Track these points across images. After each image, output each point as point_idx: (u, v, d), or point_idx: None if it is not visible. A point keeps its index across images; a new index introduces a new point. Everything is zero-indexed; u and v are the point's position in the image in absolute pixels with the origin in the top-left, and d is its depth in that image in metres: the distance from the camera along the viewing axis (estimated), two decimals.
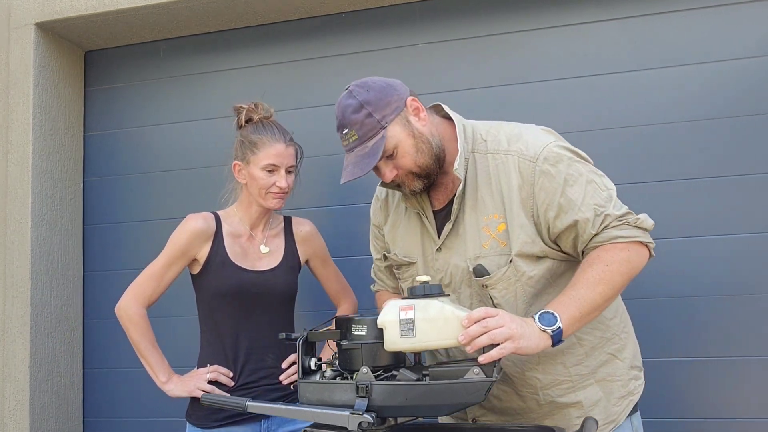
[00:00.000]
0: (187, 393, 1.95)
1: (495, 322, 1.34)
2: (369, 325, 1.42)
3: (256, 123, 2.04)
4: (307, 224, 2.20)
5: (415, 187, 1.60)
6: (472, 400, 1.34)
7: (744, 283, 2.25)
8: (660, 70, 2.38)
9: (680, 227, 2.30)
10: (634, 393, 1.65)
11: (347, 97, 1.59)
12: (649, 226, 1.54)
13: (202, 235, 2.00)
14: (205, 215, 2.04)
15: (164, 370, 1.99)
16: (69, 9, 2.73)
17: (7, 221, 2.73)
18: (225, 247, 2.01)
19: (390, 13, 2.66)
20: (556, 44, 2.48)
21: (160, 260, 2.02)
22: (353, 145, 1.57)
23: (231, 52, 2.84)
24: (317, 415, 1.37)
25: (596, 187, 1.53)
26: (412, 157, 1.56)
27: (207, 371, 1.97)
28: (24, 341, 2.66)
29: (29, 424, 2.63)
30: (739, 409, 2.23)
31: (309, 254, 2.18)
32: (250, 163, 2.00)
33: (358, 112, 1.55)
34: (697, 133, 2.32)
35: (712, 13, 2.35)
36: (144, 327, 1.99)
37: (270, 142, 1.99)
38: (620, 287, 1.51)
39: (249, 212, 2.07)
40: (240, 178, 2.06)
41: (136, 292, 2.00)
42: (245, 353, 1.99)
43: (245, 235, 2.07)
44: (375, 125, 1.54)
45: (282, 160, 1.99)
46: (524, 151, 1.56)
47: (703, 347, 2.27)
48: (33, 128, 2.74)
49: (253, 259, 2.04)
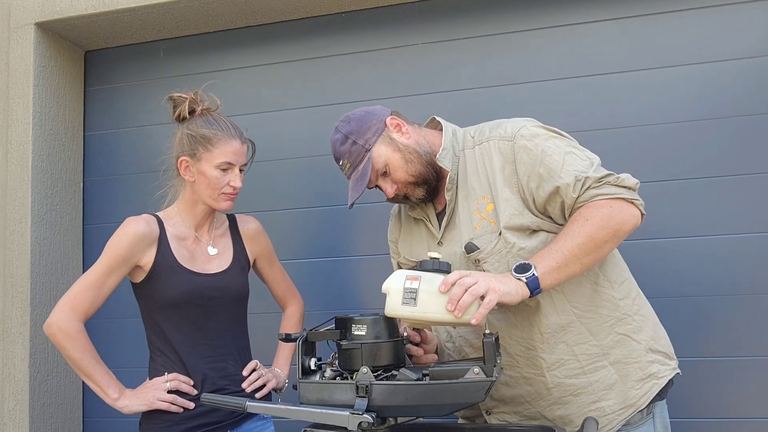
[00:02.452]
0: (145, 406, 1.79)
1: (470, 279, 1.38)
2: (369, 324, 1.42)
3: (204, 115, 1.89)
4: (253, 222, 2.07)
5: (419, 194, 1.71)
6: (472, 399, 1.34)
7: (744, 283, 2.25)
8: (660, 70, 2.38)
9: (680, 227, 2.30)
10: (657, 377, 1.63)
11: (334, 133, 1.74)
12: (632, 184, 1.57)
13: (145, 240, 1.83)
14: (147, 217, 1.87)
15: (113, 386, 1.81)
16: (69, 9, 2.73)
17: (7, 221, 2.73)
18: (172, 251, 1.85)
19: (390, 13, 2.66)
20: (556, 44, 2.48)
21: (97, 268, 1.82)
22: (349, 173, 1.73)
23: (231, 52, 2.84)
24: (317, 415, 1.37)
25: (575, 156, 1.59)
26: (404, 169, 1.68)
27: (165, 380, 1.82)
28: (24, 341, 2.65)
29: (29, 424, 2.63)
30: (741, 409, 2.23)
31: (257, 253, 2.05)
32: (202, 159, 1.84)
33: (345, 143, 1.70)
34: (697, 133, 2.32)
35: (712, 13, 2.35)
36: (84, 343, 1.79)
37: (225, 138, 1.84)
38: (602, 242, 1.51)
39: (193, 212, 1.92)
40: (187, 176, 1.87)
41: (72, 304, 1.79)
42: (204, 361, 1.86)
43: (190, 236, 1.91)
44: (360, 150, 1.68)
45: (238, 158, 1.86)
46: (503, 134, 1.65)
47: (702, 347, 2.27)
48: (33, 128, 2.74)
49: (203, 262, 1.90)
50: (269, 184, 2.71)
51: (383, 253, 2.54)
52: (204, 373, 1.85)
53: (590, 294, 1.62)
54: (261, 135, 2.76)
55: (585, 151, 1.63)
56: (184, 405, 1.81)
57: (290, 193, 2.70)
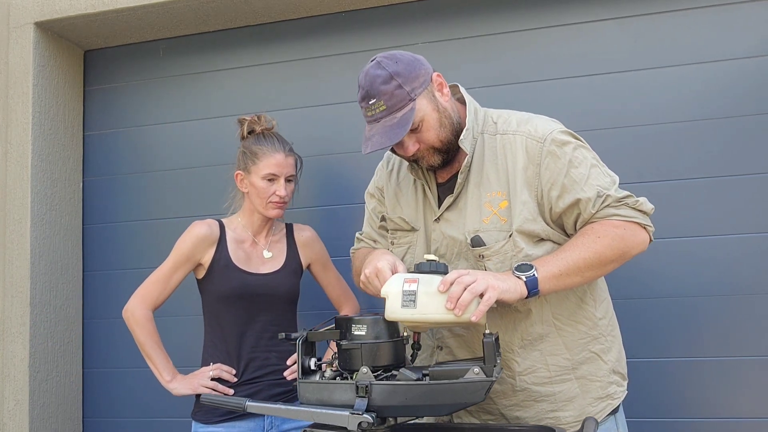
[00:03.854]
0: (191, 390, 2.03)
1: (469, 278, 1.38)
2: (369, 324, 1.42)
3: (258, 134, 2.14)
4: (308, 230, 2.28)
5: (434, 162, 1.62)
6: (472, 399, 1.34)
7: (744, 283, 2.25)
8: (660, 70, 2.37)
9: (680, 227, 2.30)
10: (613, 398, 1.65)
11: (376, 67, 1.56)
12: (649, 210, 1.57)
13: (206, 241, 2.08)
14: (210, 222, 2.12)
15: (169, 370, 2.07)
16: (68, 8, 2.73)
17: (7, 221, 2.73)
18: (229, 252, 2.09)
19: (390, 12, 2.66)
20: (556, 44, 2.48)
21: (166, 265, 2.10)
22: (380, 116, 1.55)
23: (231, 51, 2.84)
24: (317, 415, 1.37)
25: (600, 171, 1.58)
26: (436, 132, 1.58)
27: (210, 369, 2.05)
28: (23, 341, 2.65)
29: (29, 424, 2.63)
30: (738, 409, 2.23)
31: (310, 259, 2.24)
32: (251, 172, 2.09)
33: (388, 83, 1.53)
34: (697, 133, 2.32)
35: (712, 13, 2.35)
36: (150, 329, 2.07)
37: (270, 152, 2.08)
38: (608, 261, 1.52)
39: (251, 220, 2.16)
40: (242, 187, 2.15)
41: (143, 295, 2.09)
42: (249, 352, 2.06)
43: (248, 240, 2.15)
44: (405, 97, 1.54)
45: (281, 169, 2.08)
46: (533, 132, 1.60)
47: (702, 347, 2.27)
48: (32, 128, 2.74)
49: (257, 264, 2.12)
50: None
51: None
52: (247, 362, 2.06)
53: (573, 309, 1.62)
54: None
55: (605, 167, 1.62)
56: (224, 391, 2.03)
57: None
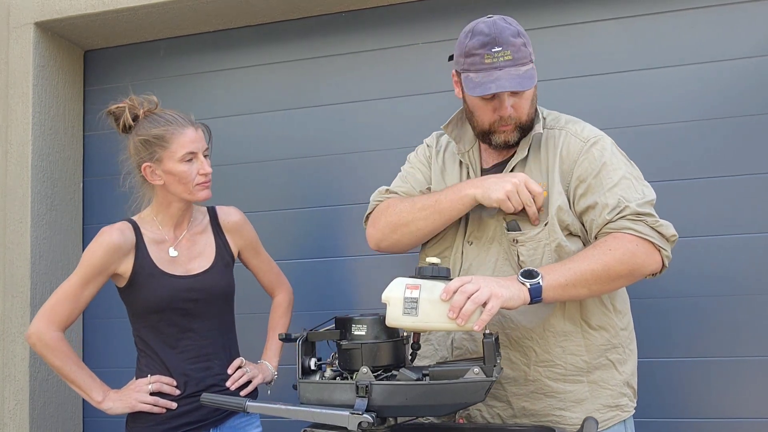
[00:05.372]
0: (128, 408, 1.81)
1: (472, 286, 1.37)
2: (369, 324, 1.42)
3: (148, 117, 1.85)
4: (235, 213, 2.02)
5: (513, 138, 1.63)
6: (472, 399, 1.34)
7: (744, 283, 2.25)
8: (660, 70, 2.37)
9: (680, 227, 2.27)
10: (623, 410, 1.64)
11: (502, 20, 1.58)
12: (668, 234, 1.55)
13: (120, 250, 1.82)
14: (121, 226, 1.86)
15: (97, 389, 1.83)
16: (68, 8, 2.73)
17: (7, 221, 2.73)
18: (150, 257, 1.85)
19: (390, 12, 2.66)
20: (556, 44, 2.48)
21: (74, 279, 1.83)
22: (504, 64, 1.53)
23: (231, 51, 2.84)
24: (317, 415, 1.37)
25: (631, 184, 1.57)
26: (528, 104, 1.61)
27: (148, 382, 1.83)
28: (24, 341, 2.65)
29: (29, 424, 2.63)
30: (741, 409, 2.23)
31: (240, 245, 2.01)
32: (163, 159, 1.81)
33: (517, 37, 1.56)
34: (697, 133, 2.32)
35: (712, 13, 2.35)
36: (64, 350, 1.82)
37: (178, 129, 1.81)
38: (617, 276, 1.51)
39: (169, 213, 1.90)
40: (155, 180, 1.85)
41: (50, 315, 1.82)
42: (188, 362, 1.86)
43: (169, 239, 1.90)
44: (528, 55, 1.57)
45: (197, 144, 1.83)
46: (579, 132, 1.64)
47: (702, 347, 2.27)
48: (32, 128, 2.74)
49: (184, 263, 1.89)
50: (268, 184, 2.71)
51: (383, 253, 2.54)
52: (187, 373, 1.86)
53: (600, 315, 1.63)
54: (260, 134, 2.77)
55: (646, 186, 1.60)
56: (167, 406, 1.82)
57: (289, 192, 2.70)
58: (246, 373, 1.94)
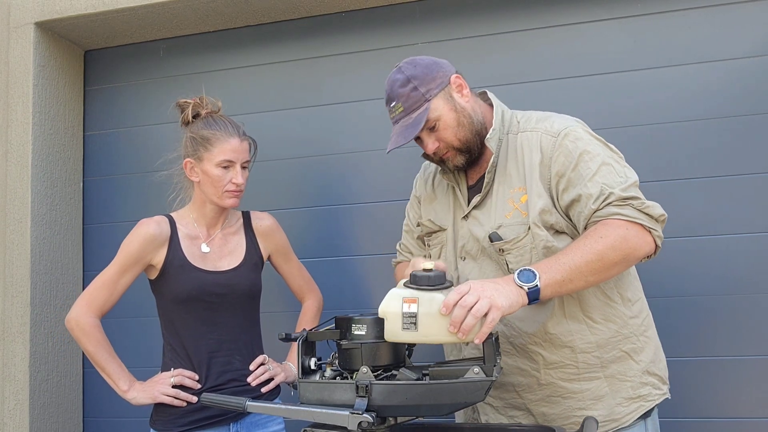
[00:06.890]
0: (150, 399, 1.89)
1: (471, 298, 1.35)
2: (369, 324, 1.42)
3: (206, 118, 1.97)
4: (267, 218, 2.12)
5: (458, 162, 1.68)
6: (472, 399, 1.34)
7: (744, 283, 2.25)
8: (660, 70, 2.38)
9: (680, 227, 2.30)
10: (647, 399, 1.63)
11: (396, 72, 1.68)
12: (656, 215, 1.53)
13: (156, 240, 1.92)
14: (158, 219, 1.97)
15: (124, 379, 1.91)
16: (68, 8, 2.73)
17: (7, 221, 2.73)
18: (182, 250, 1.94)
19: (390, 12, 2.66)
20: (555, 44, 2.48)
21: (112, 268, 1.93)
22: (399, 117, 1.66)
23: (231, 51, 2.84)
24: (317, 415, 1.37)
25: (612, 169, 1.56)
26: (453, 131, 1.64)
27: (170, 375, 1.90)
28: (24, 341, 2.65)
29: (29, 424, 2.63)
30: (741, 409, 2.23)
31: (271, 249, 2.10)
32: (203, 159, 1.92)
33: (405, 86, 1.64)
34: (697, 132, 2.32)
35: (712, 13, 2.35)
36: (98, 337, 1.91)
37: (224, 137, 1.92)
38: (612, 264, 1.49)
39: (203, 211, 2.00)
40: (192, 176, 1.97)
41: (88, 301, 1.92)
42: (210, 356, 1.93)
43: (202, 236, 1.99)
44: (420, 98, 1.63)
45: (237, 155, 1.92)
46: (549, 128, 1.65)
47: (702, 347, 2.27)
48: (33, 128, 2.74)
49: (214, 260, 1.97)
50: (269, 184, 2.71)
51: (383, 253, 2.54)
52: (209, 367, 1.92)
53: (602, 307, 1.62)
54: (260, 134, 2.74)
55: (626, 167, 1.59)
56: (187, 399, 1.88)
57: (290, 192, 2.70)
58: (268, 371, 1.97)
